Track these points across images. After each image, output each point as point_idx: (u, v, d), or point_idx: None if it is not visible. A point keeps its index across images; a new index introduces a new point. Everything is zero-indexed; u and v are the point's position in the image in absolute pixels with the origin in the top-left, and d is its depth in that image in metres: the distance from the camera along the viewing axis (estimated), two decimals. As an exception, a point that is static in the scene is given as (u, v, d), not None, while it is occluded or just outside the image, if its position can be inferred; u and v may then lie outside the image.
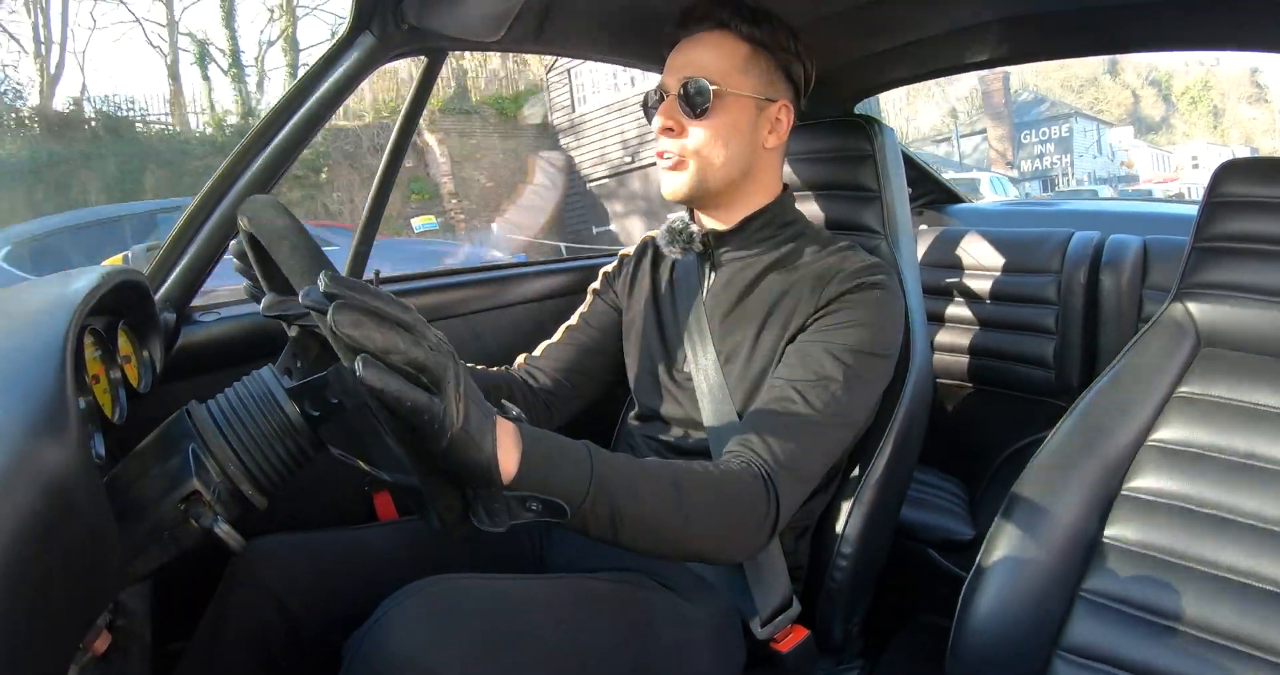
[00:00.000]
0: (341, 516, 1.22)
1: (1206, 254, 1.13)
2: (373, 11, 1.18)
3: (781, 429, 0.94)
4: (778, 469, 0.91)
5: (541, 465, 0.71)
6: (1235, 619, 0.89)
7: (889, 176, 1.30)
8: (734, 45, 1.10)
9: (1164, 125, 29.95)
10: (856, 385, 1.00)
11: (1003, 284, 1.99)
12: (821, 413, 0.96)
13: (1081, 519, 1.02)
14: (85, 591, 0.54)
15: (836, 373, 0.98)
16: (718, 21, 1.09)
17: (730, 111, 1.09)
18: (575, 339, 1.31)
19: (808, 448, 0.95)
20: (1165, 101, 31.13)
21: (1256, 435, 1.00)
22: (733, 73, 1.09)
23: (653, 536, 0.81)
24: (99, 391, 0.85)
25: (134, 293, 0.95)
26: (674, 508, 0.81)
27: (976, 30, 1.36)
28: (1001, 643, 0.98)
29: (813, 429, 0.96)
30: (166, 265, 1.22)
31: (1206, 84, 30.82)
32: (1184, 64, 31.45)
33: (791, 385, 0.98)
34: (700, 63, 1.09)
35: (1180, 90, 31.15)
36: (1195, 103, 30.79)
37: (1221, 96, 30.92)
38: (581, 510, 0.73)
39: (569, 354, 1.29)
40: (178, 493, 0.68)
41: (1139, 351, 1.13)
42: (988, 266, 2.03)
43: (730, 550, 0.92)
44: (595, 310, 1.33)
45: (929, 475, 1.95)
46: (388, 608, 0.81)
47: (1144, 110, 30.55)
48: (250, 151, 1.22)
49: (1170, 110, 30.96)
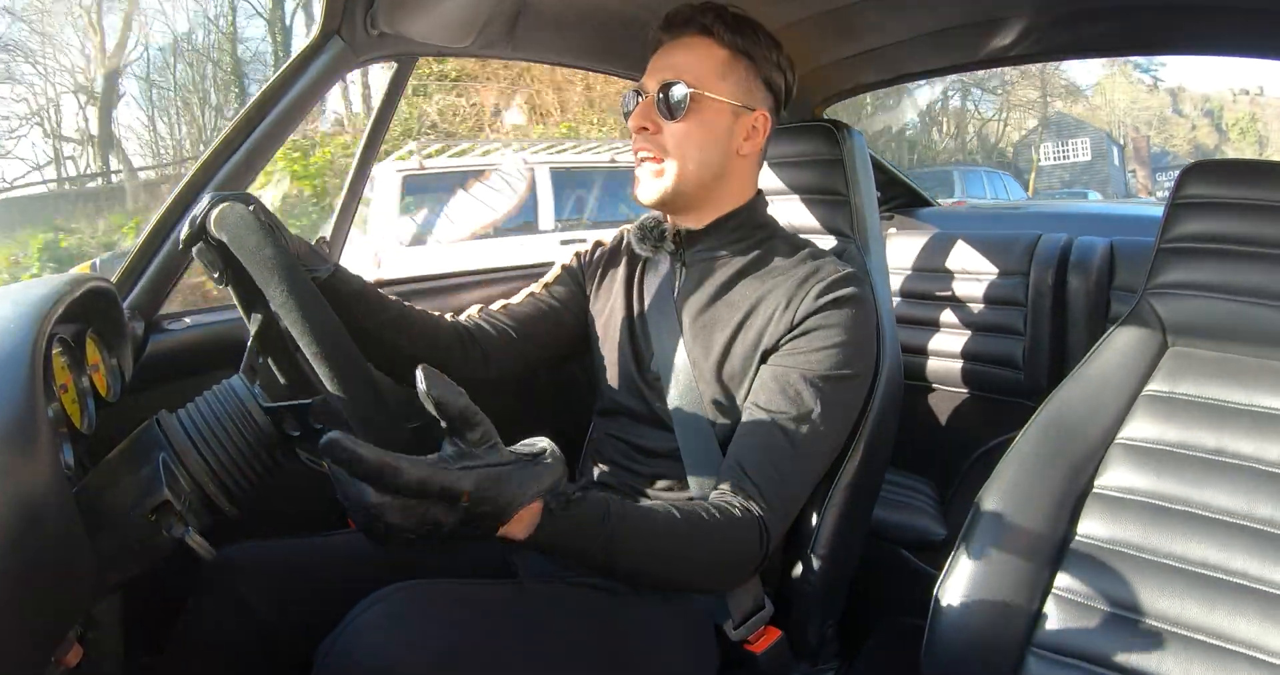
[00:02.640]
0: (312, 522, 1.21)
1: (1172, 254, 1.15)
2: (342, 16, 1.18)
3: (771, 469, 0.97)
4: (770, 513, 0.95)
5: (555, 544, 0.76)
6: (1205, 613, 0.91)
7: (858, 180, 1.31)
8: (715, 51, 1.10)
9: (1217, 152, 32.20)
10: (835, 411, 1.02)
11: (972, 286, 2.01)
12: (805, 448, 1.00)
13: (1052, 517, 1.03)
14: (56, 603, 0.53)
15: (815, 403, 1.00)
16: (700, 27, 1.10)
17: (706, 115, 1.09)
18: (532, 303, 1.28)
19: (794, 485, 0.99)
20: (1218, 131, 33.29)
21: (1224, 431, 1.02)
22: (711, 78, 1.09)
23: (652, 582, 0.90)
24: (67, 400, 0.84)
25: (102, 300, 0.94)
26: (679, 561, 0.89)
27: (943, 35, 1.38)
28: (975, 641, 0.99)
29: (799, 465, 1.00)
30: (134, 273, 1.20)
31: (1253, 117, 33.06)
32: (1232, 97, 33.58)
33: (774, 418, 1.00)
34: (680, 66, 1.09)
35: (1231, 122, 33.43)
36: (1244, 133, 33.00)
37: (1265, 126, 33.13)
38: (595, 562, 0.81)
39: (523, 312, 1.26)
40: (148, 503, 0.67)
41: (1107, 351, 1.15)
42: (957, 269, 2.05)
43: (721, 587, 1.01)
44: (559, 281, 1.31)
45: (901, 476, 1.96)
46: (356, 614, 0.82)
47: (1200, 138, 32.88)
48: (220, 156, 1.21)
49: (1223, 139, 33.14)
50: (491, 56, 1.53)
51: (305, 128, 9.24)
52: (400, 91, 1.48)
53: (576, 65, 1.66)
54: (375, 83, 10.13)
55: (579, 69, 1.74)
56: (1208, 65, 34.34)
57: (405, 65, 1.42)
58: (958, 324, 2.04)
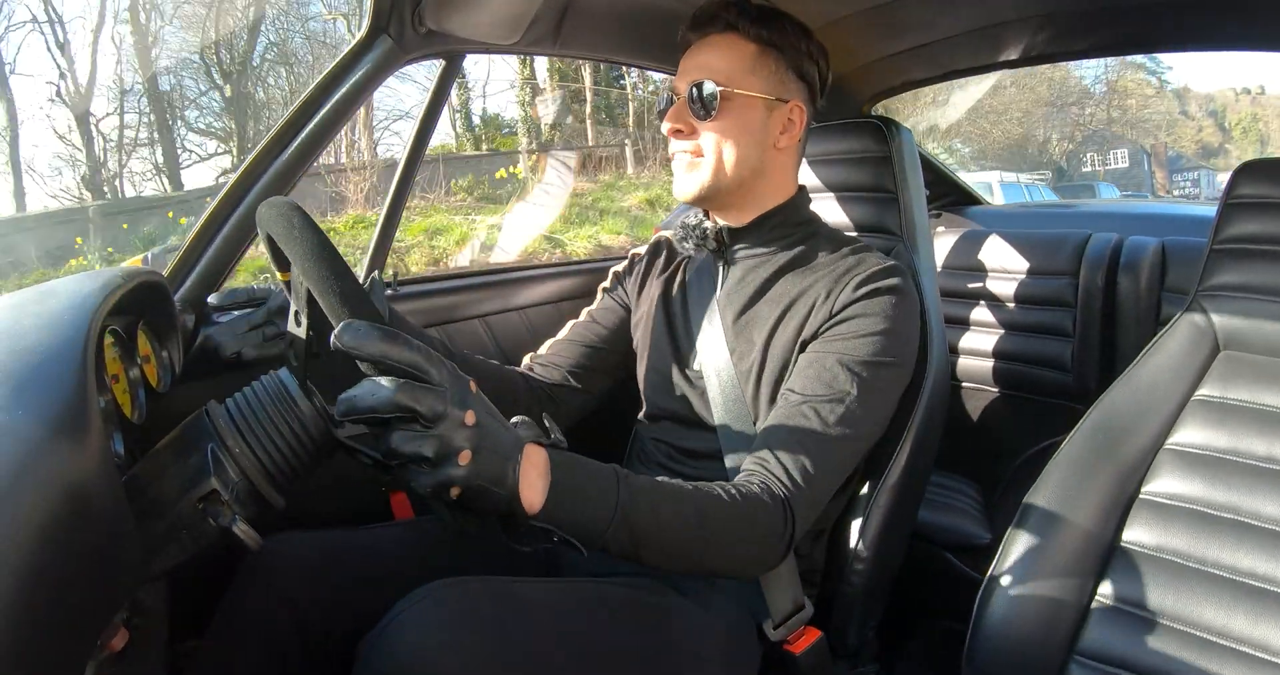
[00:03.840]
0: (358, 515, 1.23)
1: (1225, 256, 1.12)
2: (390, 15, 1.19)
3: (798, 448, 0.95)
4: (795, 491, 0.92)
5: (567, 501, 0.74)
6: (1252, 624, 0.88)
7: (906, 178, 1.29)
8: (742, 46, 1.10)
9: (1221, 150, 32.97)
10: (871, 397, 1.00)
11: (1020, 286, 1.98)
12: (837, 430, 0.97)
13: (1099, 523, 1.01)
14: (104, 589, 0.54)
15: (851, 386, 0.98)
16: (725, 23, 1.10)
17: (738, 112, 1.08)
18: (581, 336, 1.31)
19: (823, 467, 0.96)
20: (1222, 130, 33.94)
21: (1276, 439, 0.99)
22: (740, 73, 1.08)
23: (674, 559, 0.85)
24: (119, 391, 0.86)
25: (154, 293, 0.96)
26: (696, 534, 0.84)
27: (994, 30, 1.36)
28: (1017, 647, 0.97)
29: (828, 447, 0.96)
30: (186, 266, 1.23)
31: (1255, 116, 33.79)
32: (1234, 97, 34.36)
33: (807, 401, 0.98)
34: (708, 65, 1.09)
35: (1234, 121, 34.14)
36: (1246, 132, 33.71)
37: (1265, 125, 33.85)
38: (604, 538, 0.77)
39: (574, 350, 1.29)
40: (196, 492, 0.68)
41: (1157, 354, 1.12)
42: (1005, 269, 2.02)
43: (749, 570, 0.96)
44: (604, 308, 1.33)
45: (946, 478, 1.94)
46: (401, 610, 0.81)
47: (1205, 138, 33.61)
48: (269, 154, 1.23)
49: (1226, 137, 33.79)
50: (537, 53, 1.54)
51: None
52: (448, 90, 1.50)
53: (620, 61, 1.66)
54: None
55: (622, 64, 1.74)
56: (1209, 66, 35.69)
57: (453, 63, 1.43)
58: (1006, 324, 2.01)
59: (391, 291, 1.54)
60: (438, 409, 0.64)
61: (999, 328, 2.02)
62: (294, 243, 0.76)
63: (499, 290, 1.78)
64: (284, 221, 0.77)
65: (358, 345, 0.62)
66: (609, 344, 1.30)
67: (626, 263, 1.36)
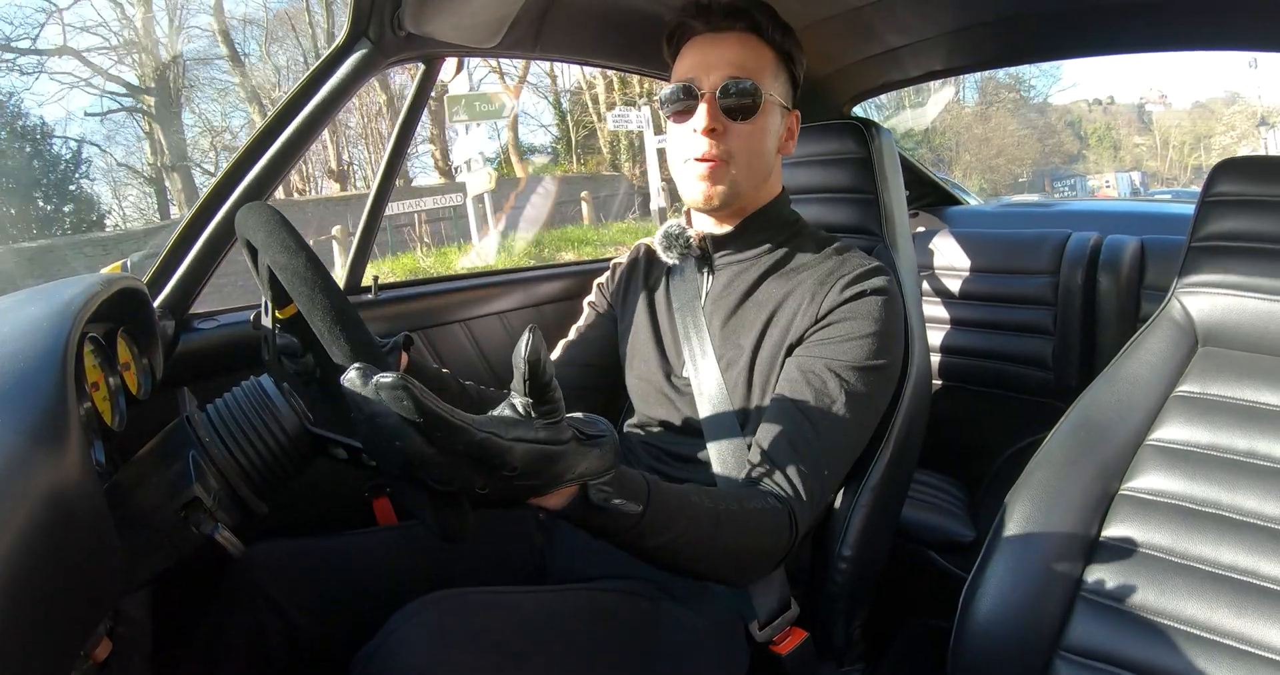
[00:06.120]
0: (341, 521, 1.22)
1: (1203, 253, 1.13)
2: (369, 18, 1.19)
3: (799, 460, 0.95)
4: (799, 505, 0.93)
5: (587, 521, 0.74)
6: (1235, 617, 0.89)
7: (886, 179, 1.30)
8: (763, 49, 1.07)
9: (1080, 157, 35.94)
10: (861, 402, 1.00)
11: (1000, 285, 1.99)
12: (833, 439, 0.98)
13: (1081, 519, 1.02)
14: (86, 599, 0.54)
15: (840, 393, 0.99)
16: (751, 23, 1.06)
17: (768, 116, 1.06)
18: (574, 356, 1.30)
19: (823, 477, 0.97)
20: (1079, 139, 36.65)
21: (1256, 433, 1.00)
22: (767, 77, 1.06)
23: (678, 564, 0.85)
24: (99, 398, 0.85)
25: (133, 300, 0.95)
26: (707, 547, 0.85)
27: (970, 32, 1.37)
28: (1002, 644, 0.98)
29: (827, 455, 0.97)
30: (165, 272, 1.22)
31: (1108, 126, 36.77)
32: (1088, 108, 37.08)
33: (801, 411, 0.98)
34: (738, 62, 1.04)
35: (1090, 130, 36.88)
36: (1101, 140, 36.59)
37: (1116, 133, 36.86)
38: (619, 539, 0.78)
39: (568, 373, 1.28)
40: (178, 500, 0.67)
41: (1137, 351, 1.13)
42: (985, 268, 2.03)
43: (747, 576, 0.98)
44: (590, 322, 1.32)
45: (929, 477, 1.95)
46: (397, 623, 0.80)
47: (1064, 145, 36.27)
48: (248, 159, 1.22)
49: (1084, 145, 36.62)
50: (517, 56, 1.54)
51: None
52: (427, 94, 1.49)
53: (601, 64, 1.66)
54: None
55: (603, 67, 1.74)
56: (1065, 78, 37.77)
57: (432, 67, 1.42)
58: (986, 323, 2.02)
59: (372, 296, 1.54)
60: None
61: (980, 326, 2.03)
62: (296, 277, 0.76)
63: (479, 294, 1.78)
64: (266, 230, 0.77)
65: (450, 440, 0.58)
66: (601, 359, 1.29)
67: (608, 273, 1.35)
